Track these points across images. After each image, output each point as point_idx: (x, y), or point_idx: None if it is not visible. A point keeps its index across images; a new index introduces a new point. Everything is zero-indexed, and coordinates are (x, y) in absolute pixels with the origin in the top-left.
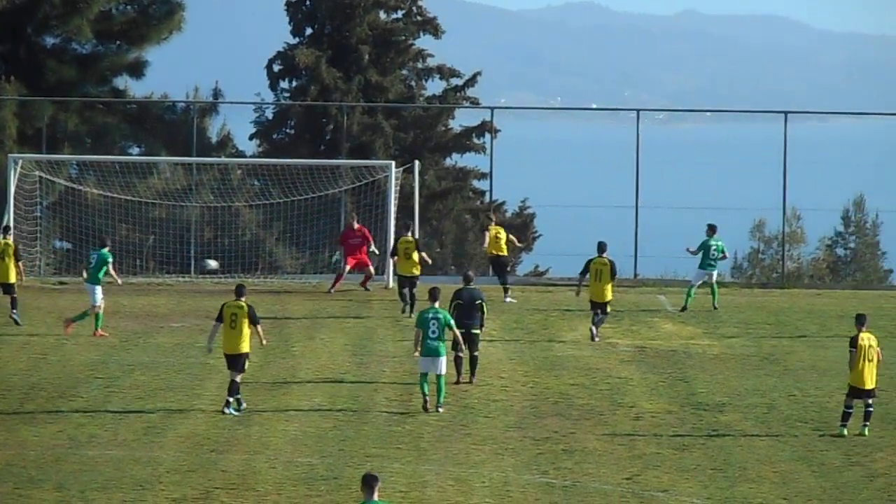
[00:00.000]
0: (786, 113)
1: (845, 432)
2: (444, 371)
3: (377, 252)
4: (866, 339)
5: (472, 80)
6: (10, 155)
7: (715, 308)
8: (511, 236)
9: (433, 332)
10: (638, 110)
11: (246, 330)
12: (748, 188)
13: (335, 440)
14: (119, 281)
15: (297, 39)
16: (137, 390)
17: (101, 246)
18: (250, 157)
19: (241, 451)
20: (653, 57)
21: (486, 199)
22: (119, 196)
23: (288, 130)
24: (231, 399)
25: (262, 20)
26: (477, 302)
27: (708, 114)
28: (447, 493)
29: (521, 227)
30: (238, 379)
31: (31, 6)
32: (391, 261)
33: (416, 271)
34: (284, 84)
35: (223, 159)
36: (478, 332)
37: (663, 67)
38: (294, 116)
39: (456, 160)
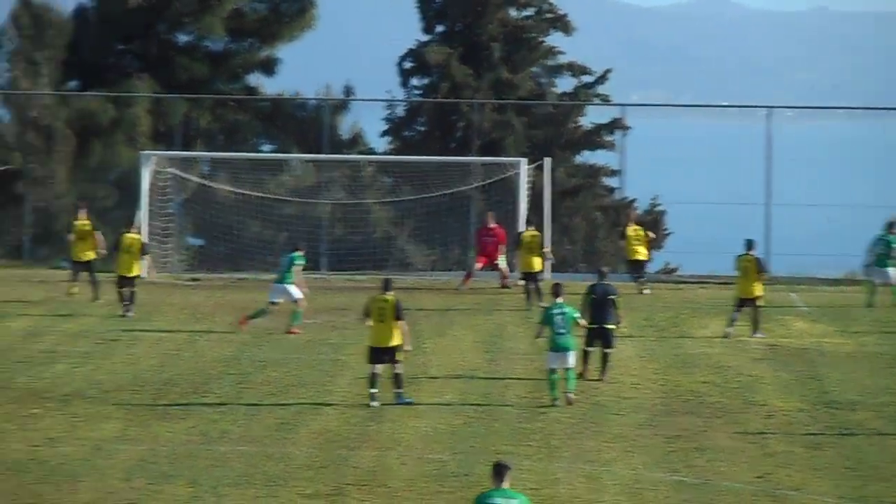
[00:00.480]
0: None
1: None
2: (572, 365)
3: (502, 265)
4: None
5: (602, 77)
6: (143, 152)
7: None
8: (648, 232)
9: (560, 329)
10: (769, 107)
11: (394, 323)
12: (881, 185)
13: (466, 437)
14: (305, 289)
15: (428, 37)
16: (269, 386)
17: (294, 250)
18: (381, 154)
19: (373, 448)
20: (784, 53)
21: (617, 196)
22: (251, 193)
23: (419, 127)
24: (401, 391)
25: (393, 18)
26: (610, 297)
27: (840, 111)
28: (578, 490)
29: (652, 224)
30: (398, 370)
31: (163, 4)
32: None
33: (539, 266)
34: (415, 81)
35: (354, 156)
36: (612, 327)
37: (795, 64)
38: (425, 114)
39: (586, 157)
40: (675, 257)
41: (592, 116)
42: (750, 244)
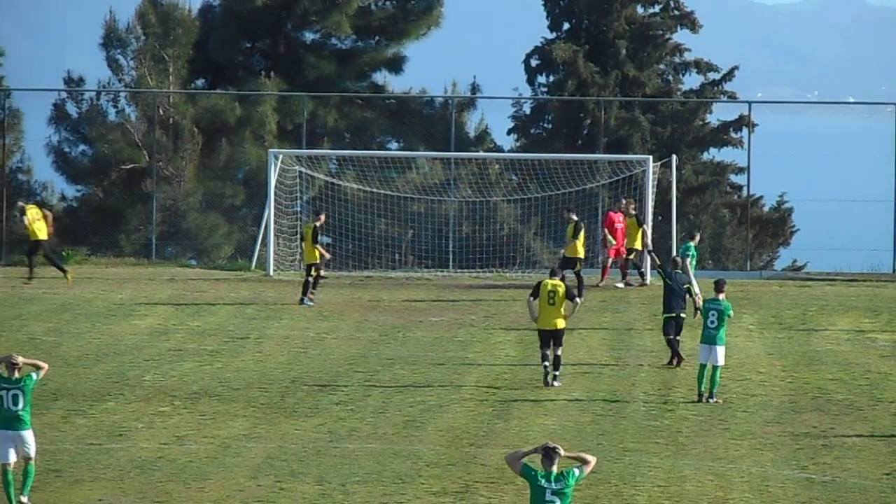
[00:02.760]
0: None
1: None
2: (721, 362)
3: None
4: None
5: (729, 75)
6: (270, 150)
7: None
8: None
9: (712, 322)
10: None
11: (563, 307)
12: None
13: (593, 434)
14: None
15: (554, 34)
16: (397, 384)
17: (689, 238)
18: (508, 151)
19: (500, 445)
20: None
21: (744, 193)
22: (378, 191)
23: (545, 125)
24: (556, 373)
25: (519, 15)
26: (685, 286)
27: None
28: (706, 487)
29: (779, 221)
30: (559, 353)
31: (290, 2)
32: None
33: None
34: (542, 79)
35: (481, 154)
36: (685, 316)
37: None
38: (551, 111)
39: (713, 155)
40: (802, 254)
41: (719, 114)
42: None
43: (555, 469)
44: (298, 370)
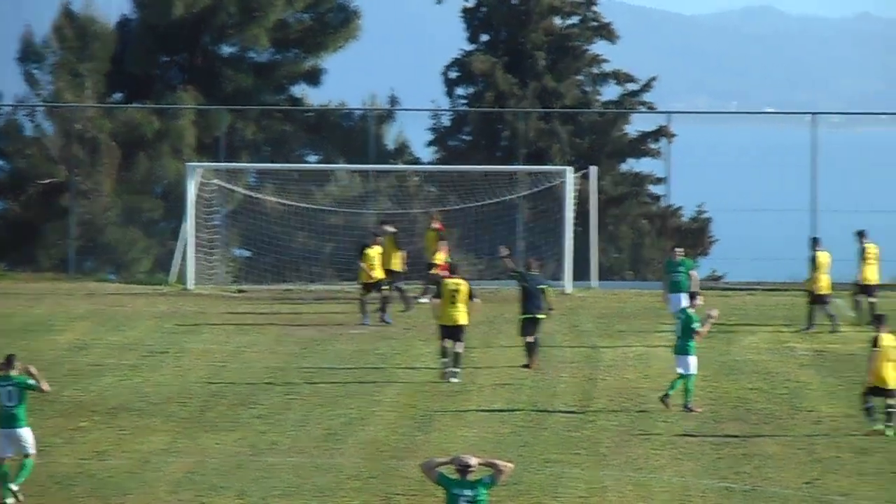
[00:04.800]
0: None
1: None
2: (690, 370)
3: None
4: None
5: (647, 86)
6: (188, 164)
7: None
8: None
9: (677, 332)
10: (813, 114)
11: (464, 305)
12: None
13: (514, 445)
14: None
15: (472, 46)
16: (317, 397)
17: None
18: (427, 163)
19: (421, 457)
20: (829, 60)
21: (663, 203)
22: (297, 204)
23: (464, 137)
24: (457, 370)
25: (437, 27)
26: (540, 287)
27: (885, 116)
28: (627, 497)
29: (698, 231)
30: (459, 349)
31: (208, 16)
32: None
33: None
34: (461, 90)
35: (400, 166)
36: (542, 317)
37: (839, 70)
38: (470, 123)
39: (632, 165)
40: (721, 264)
41: (637, 124)
42: None
43: (469, 477)
44: (218, 384)
